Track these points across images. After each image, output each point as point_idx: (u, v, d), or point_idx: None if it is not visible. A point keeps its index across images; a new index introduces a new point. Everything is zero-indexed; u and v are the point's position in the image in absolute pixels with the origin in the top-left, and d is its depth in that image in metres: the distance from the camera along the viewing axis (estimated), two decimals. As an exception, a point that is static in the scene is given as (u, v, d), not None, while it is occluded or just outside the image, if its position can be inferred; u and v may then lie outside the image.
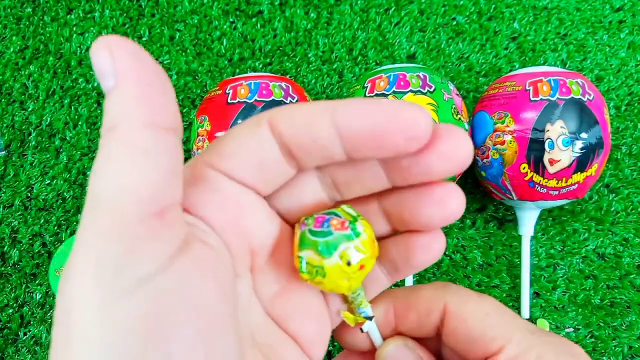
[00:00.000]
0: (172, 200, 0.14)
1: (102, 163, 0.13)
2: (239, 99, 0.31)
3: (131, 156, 0.13)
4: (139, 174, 0.13)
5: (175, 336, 0.13)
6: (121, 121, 0.13)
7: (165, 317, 0.13)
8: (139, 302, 0.12)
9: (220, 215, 0.16)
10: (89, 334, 0.12)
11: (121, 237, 0.12)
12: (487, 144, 0.33)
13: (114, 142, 0.13)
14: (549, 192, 0.32)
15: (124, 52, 0.13)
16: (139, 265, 0.12)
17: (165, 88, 0.14)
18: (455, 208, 0.17)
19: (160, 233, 0.13)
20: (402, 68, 0.32)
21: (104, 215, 0.13)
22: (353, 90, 0.34)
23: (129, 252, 0.12)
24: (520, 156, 0.32)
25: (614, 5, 0.42)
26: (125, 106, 0.13)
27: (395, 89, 0.31)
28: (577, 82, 0.32)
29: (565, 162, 0.31)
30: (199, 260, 0.14)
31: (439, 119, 0.31)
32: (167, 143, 0.13)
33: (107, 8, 0.41)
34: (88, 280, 0.12)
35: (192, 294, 0.13)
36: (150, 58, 0.13)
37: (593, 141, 0.31)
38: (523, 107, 0.32)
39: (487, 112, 0.34)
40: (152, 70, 0.13)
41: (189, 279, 0.14)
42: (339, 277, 0.17)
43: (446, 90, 0.32)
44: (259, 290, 0.18)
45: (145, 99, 0.13)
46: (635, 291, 0.37)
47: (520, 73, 0.33)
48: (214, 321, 0.14)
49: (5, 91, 0.40)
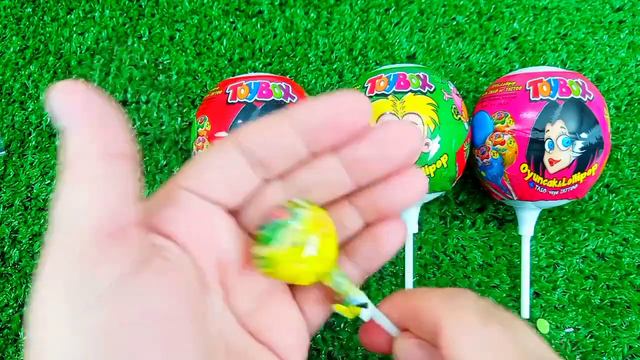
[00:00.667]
0: (128, 220, 0.15)
1: (62, 192, 0.14)
2: (239, 99, 0.31)
3: (86, 184, 0.14)
4: (94, 199, 0.14)
5: (137, 347, 0.14)
6: (77, 156, 0.14)
7: (125, 329, 0.14)
8: (100, 316, 0.14)
9: (188, 231, 0.18)
10: (59, 346, 0.13)
11: (80, 257, 0.14)
12: (487, 144, 0.33)
13: (72, 174, 0.14)
14: (549, 192, 0.32)
15: (77, 96, 0.14)
16: (98, 281, 0.14)
17: (116, 121, 0.15)
18: (423, 186, 0.20)
19: (116, 252, 0.14)
20: (402, 68, 0.32)
21: (65, 238, 0.14)
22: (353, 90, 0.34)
23: (88, 270, 0.14)
24: (520, 156, 0.32)
25: (614, 5, 0.42)
26: (80, 142, 0.14)
27: (396, 89, 0.31)
28: (577, 82, 0.32)
29: (565, 162, 0.31)
30: (158, 275, 0.15)
31: (439, 119, 0.31)
32: (120, 170, 0.15)
33: (107, 8, 0.41)
34: (56, 298, 0.14)
35: (151, 307, 0.15)
36: (102, 97, 0.15)
37: (593, 141, 0.31)
38: (523, 107, 0.32)
39: (487, 112, 0.34)
40: (103, 107, 0.15)
41: (147, 293, 0.15)
42: (291, 263, 0.18)
43: (446, 90, 0.32)
44: (233, 303, 0.19)
45: (97, 134, 0.15)
46: (635, 291, 0.37)
47: (520, 73, 0.33)
48: (175, 333, 0.15)
49: (5, 91, 0.40)
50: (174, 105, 0.40)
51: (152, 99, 0.40)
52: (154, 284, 0.15)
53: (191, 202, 0.18)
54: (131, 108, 0.40)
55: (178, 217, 0.18)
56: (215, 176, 0.18)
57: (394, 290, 0.37)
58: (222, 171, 0.18)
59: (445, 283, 0.37)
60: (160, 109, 0.40)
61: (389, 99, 0.31)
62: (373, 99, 0.31)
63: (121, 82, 0.40)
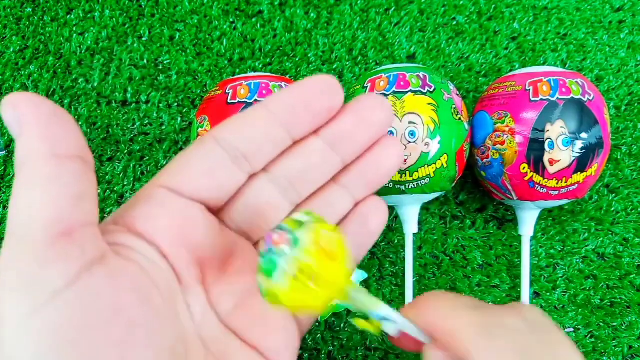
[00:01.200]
0: (81, 221, 0.15)
1: (14, 195, 0.15)
2: (239, 99, 0.31)
3: (36, 185, 0.14)
4: (44, 200, 0.14)
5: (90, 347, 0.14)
6: (27, 158, 0.15)
7: (78, 329, 0.14)
8: (53, 316, 0.14)
9: (161, 230, 0.17)
10: (14, 346, 0.14)
11: (33, 257, 0.14)
12: (487, 144, 0.33)
13: (22, 176, 0.15)
14: (549, 192, 0.32)
15: (24, 103, 0.15)
16: (49, 281, 0.14)
17: (65, 124, 0.15)
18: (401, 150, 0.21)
19: (67, 252, 0.14)
20: (402, 68, 0.32)
21: (19, 240, 0.14)
22: (353, 90, 0.34)
23: (38, 270, 0.14)
24: (520, 156, 0.32)
25: (614, 5, 0.42)
26: (30, 145, 0.15)
27: (396, 89, 0.31)
28: (577, 82, 0.32)
29: (566, 162, 0.31)
30: (115, 274, 0.15)
31: (439, 119, 0.31)
32: (72, 170, 0.15)
33: (107, 8, 0.41)
34: (9, 299, 0.14)
35: (104, 305, 0.15)
36: (50, 103, 0.15)
37: (593, 141, 0.31)
38: (523, 107, 0.32)
39: (487, 112, 0.34)
40: (51, 111, 0.15)
41: (100, 293, 0.15)
42: (295, 296, 0.16)
43: (446, 90, 0.32)
44: (216, 302, 0.19)
45: (45, 135, 0.15)
46: (635, 291, 0.37)
47: (520, 73, 0.33)
48: (133, 333, 0.15)
49: (5, 91, 0.40)
50: (174, 105, 0.40)
51: (152, 99, 0.40)
52: (109, 284, 0.15)
53: (168, 200, 0.18)
54: (131, 108, 0.40)
55: (152, 215, 0.18)
56: (195, 173, 0.18)
57: (394, 290, 0.37)
58: (202, 168, 0.18)
59: (445, 283, 0.37)
60: (160, 109, 0.40)
61: (389, 99, 0.31)
62: None
63: (121, 82, 0.40)
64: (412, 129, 0.31)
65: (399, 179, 0.31)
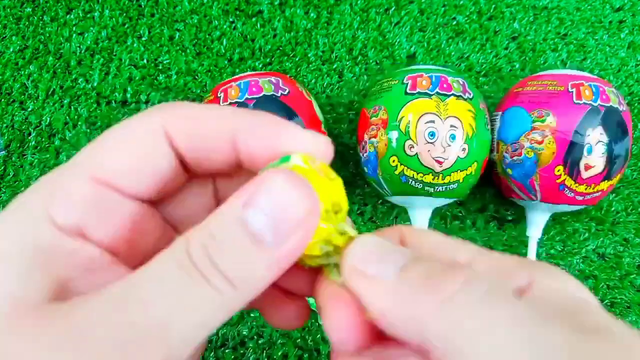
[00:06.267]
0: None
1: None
2: (230, 100, 0.31)
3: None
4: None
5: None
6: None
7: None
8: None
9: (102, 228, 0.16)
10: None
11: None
12: (521, 142, 0.32)
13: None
14: (575, 196, 0.32)
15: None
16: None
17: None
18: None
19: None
20: (441, 70, 0.32)
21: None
22: (388, 84, 0.33)
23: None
24: (557, 157, 0.31)
25: (614, 5, 0.42)
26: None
27: (439, 90, 0.31)
28: (613, 92, 0.32)
29: (599, 168, 0.31)
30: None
31: (476, 126, 0.31)
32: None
33: (107, 8, 0.41)
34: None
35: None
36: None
37: (622, 152, 0.31)
38: (567, 109, 0.31)
39: (524, 108, 0.33)
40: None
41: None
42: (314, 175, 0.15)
43: (481, 99, 0.32)
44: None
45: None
46: (635, 291, 0.37)
47: (559, 73, 0.33)
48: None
49: (5, 91, 0.40)
50: (173, 105, 0.40)
51: (151, 98, 0.40)
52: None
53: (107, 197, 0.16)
54: (131, 108, 0.40)
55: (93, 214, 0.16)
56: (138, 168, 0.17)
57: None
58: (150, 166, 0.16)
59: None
60: (160, 109, 0.40)
61: (432, 99, 0.31)
62: (415, 96, 0.31)
63: (121, 82, 0.40)
64: (453, 133, 0.30)
65: (431, 180, 0.31)
